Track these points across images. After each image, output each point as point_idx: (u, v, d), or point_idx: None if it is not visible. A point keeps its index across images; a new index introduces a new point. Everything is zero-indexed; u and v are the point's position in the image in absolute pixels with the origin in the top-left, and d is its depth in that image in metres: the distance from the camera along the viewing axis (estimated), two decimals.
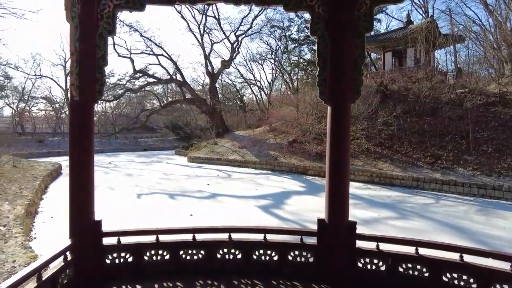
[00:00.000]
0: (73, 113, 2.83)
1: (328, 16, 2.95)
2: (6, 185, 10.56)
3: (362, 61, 2.97)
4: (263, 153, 20.74)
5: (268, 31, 33.39)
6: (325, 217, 2.96)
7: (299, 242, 3.05)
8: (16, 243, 5.84)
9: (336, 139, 2.89)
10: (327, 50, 2.97)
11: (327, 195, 2.90)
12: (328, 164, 2.89)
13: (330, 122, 2.92)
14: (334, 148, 2.88)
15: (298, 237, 3.12)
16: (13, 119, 36.57)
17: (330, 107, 2.96)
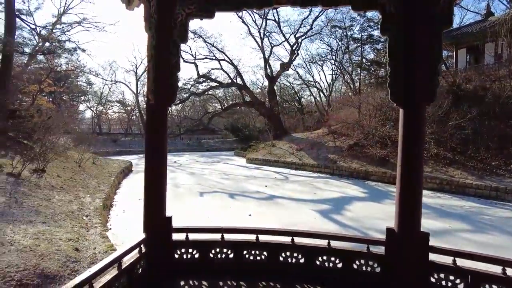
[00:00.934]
0: (149, 116, 3.06)
1: (401, 14, 2.79)
2: (87, 180, 11.80)
3: (439, 60, 2.75)
4: (321, 156, 20.33)
5: (328, 32, 32.70)
6: (394, 226, 2.79)
7: (365, 250, 2.92)
8: (95, 232, 6.48)
9: (408, 144, 2.71)
10: (399, 49, 2.80)
11: (397, 203, 2.73)
12: (399, 170, 2.72)
13: (402, 125, 2.75)
14: (406, 154, 2.70)
15: (363, 245, 2.99)
16: (93, 121, 40.82)
17: (403, 109, 2.79)
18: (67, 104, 29.72)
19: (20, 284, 3.88)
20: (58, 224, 6.26)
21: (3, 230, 5.10)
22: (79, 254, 5.14)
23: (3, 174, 7.91)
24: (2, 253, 4.36)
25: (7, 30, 14.53)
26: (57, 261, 4.60)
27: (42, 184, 8.61)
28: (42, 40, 19.36)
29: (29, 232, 5.36)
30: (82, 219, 7.11)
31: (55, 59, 21.23)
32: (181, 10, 3.04)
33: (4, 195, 6.79)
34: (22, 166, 8.55)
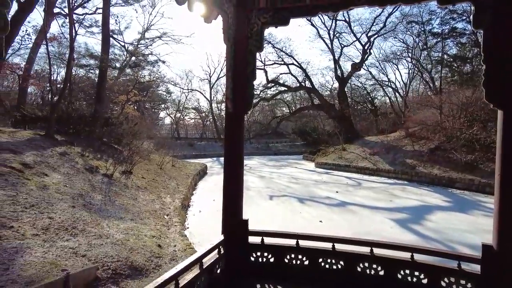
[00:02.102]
0: (227, 123, 3.21)
1: (498, 3, 2.48)
2: (167, 181, 12.80)
3: None
4: (398, 161, 19.01)
5: (404, 28, 30.53)
6: (492, 242, 2.47)
7: (455, 267, 2.63)
8: (175, 230, 6.97)
9: (509, 150, 2.39)
10: (496, 43, 2.49)
11: (496, 217, 2.41)
12: (498, 178, 2.41)
13: (501, 129, 2.43)
14: (507, 161, 2.38)
15: (452, 261, 2.70)
16: (171, 126, 44.22)
17: (502, 111, 2.47)
18: (149, 111, 32.70)
19: (115, 273, 4.35)
20: (143, 222, 6.89)
21: (100, 224, 5.78)
22: (161, 250, 5.58)
23: (99, 174, 8.99)
24: (100, 244, 4.94)
25: (103, 48, 16.59)
26: (143, 256, 5.06)
27: (129, 184, 9.57)
28: (130, 55, 21.67)
29: (121, 227, 6.00)
30: (163, 217, 7.72)
31: (140, 71, 23.58)
32: (257, 19, 3.13)
33: (100, 193, 7.70)
34: (114, 168, 9.62)
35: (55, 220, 5.08)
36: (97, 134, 12.84)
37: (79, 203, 6.36)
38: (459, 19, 26.88)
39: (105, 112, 15.16)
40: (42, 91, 19.02)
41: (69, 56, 12.85)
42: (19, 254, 3.96)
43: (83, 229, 5.22)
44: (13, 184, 5.74)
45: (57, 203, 5.76)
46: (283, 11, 3.11)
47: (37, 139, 9.15)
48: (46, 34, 15.10)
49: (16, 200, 5.20)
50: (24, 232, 4.46)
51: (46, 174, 6.92)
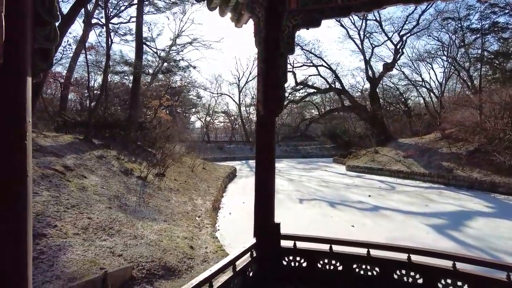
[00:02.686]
0: (258, 126, 3.22)
1: None
2: (198, 183, 13.03)
3: None
4: (433, 164, 18.19)
5: (438, 25, 29.21)
6: None
7: (504, 279, 2.46)
8: (206, 232, 7.07)
9: None
10: None
11: None
12: None
13: None
14: None
15: (501, 272, 2.53)
16: (202, 130, 45.11)
17: None
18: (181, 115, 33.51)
19: (150, 273, 4.48)
20: (176, 223, 7.05)
21: (135, 225, 5.98)
22: (193, 252, 5.68)
23: (134, 177, 9.33)
24: (135, 245, 5.11)
25: (136, 55, 17.25)
26: (176, 257, 5.17)
27: (162, 186, 9.84)
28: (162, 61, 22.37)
29: (154, 228, 6.17)
30: (195, 219, 7.86)
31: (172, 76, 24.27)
32: (288, 22, 3.12)
33: (135, 195, 7.98)
34: (148, 170, 9.94)
35: (94, 220, 5.31)
36: (131, 137, 13.34)
37: (115, 204, 6.62)
38: (501, 13, 25.36)
39: (139, 116, 15.73)
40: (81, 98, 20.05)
41: (105, 63, 13.50)
42: (62, 252, 4.18)
43: (119, 230, 5.42)
44: (56, 185, 6.07)
45: (95, 204, 6.03)
46: (314, 12, 3.08)
47: (77, 143, 9.65)
48: (85, 43, 15.95)
49: (59, 201, 5.50)
50: (66, 231, 4.70)
51: (85, 176, 7.27)
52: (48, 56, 1.29)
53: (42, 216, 4.72)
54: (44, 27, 1.27)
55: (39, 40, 1.24)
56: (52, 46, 1.29)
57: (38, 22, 1.25)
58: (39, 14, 1.25)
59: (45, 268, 3.77)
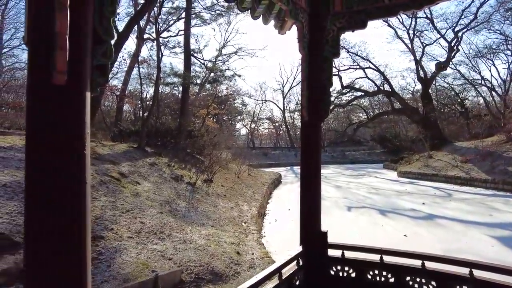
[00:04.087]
0: (303, 132, 3.18)
1: None
2: (244, 189, 13.20)
3: None
4: (497, 169, 16.62)
5: (500, 17, 26.76)
6: None
7: None
8: (253, 238, 7.11)
9: None
10: None
11: None
12: None
13: None
14: None
15: None
16: (247, 137, 45.83)
17: None
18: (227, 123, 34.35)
19: (198, 277, 4.60)
20: (223, 228, 7.19)
21: (184, 230, 6.20)
22: (240, 257, 5.73)
23: (183, 183, 9.70)
24: (184, 249, 5.29)
25: (185, 67, 18.05)
26: (223, 262, 5.25)
27: (210, 192, 10.11)
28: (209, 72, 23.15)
29: (202, 233, 6.34)
30: (241, 225, 7.95)
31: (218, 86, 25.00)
32: (332, 25, 3.07)
33: (185, 200, 8.29)
34: (196, 176, 10.28)
35: (146, 225, 5.60)
36: (181, 145, 13.92)
37: (166, 209, 6.93)
38: None
39: (188, 125, 16.39)
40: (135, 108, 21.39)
41: (156, 76, 14.28)
42: (118, 254, 4.46)
43: (170, 234, 5.65)
44: (113, 191, 6.51)
45: (148, 209, 6.36)
46: (359, 13, 3.00)
47: (131, 151, 10.29)
48: (138, 57, 17.05)
49: (115, 206, 5.89)
50: (121, 234, 5.01)
51: (138, 182, 7.71)
52: (105, 71, 1.39)
53: (100, 220, 5.08)
54: (102, 45, 1.37)
55: (97, 57, 1.35)
56: (108, 62, 1.39)
57: (97, 40, 1.36)
58: (97, 33, 1.36)
59: (104, 268, 4.04)
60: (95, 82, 1.36)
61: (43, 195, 1.19)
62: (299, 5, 2.92)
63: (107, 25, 1.38)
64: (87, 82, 1.29)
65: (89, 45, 1.32)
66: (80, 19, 1.28)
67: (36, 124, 1.21)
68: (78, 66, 1.26)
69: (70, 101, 1.23)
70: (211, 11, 20.79)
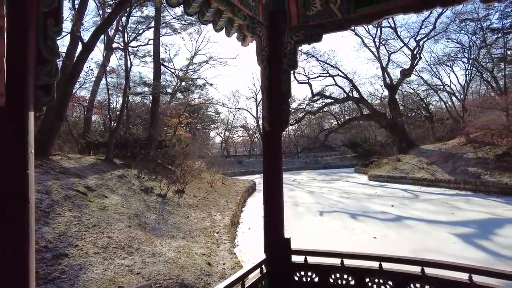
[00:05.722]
0: (265, 142, 3.27)
1: None
2: (217, 198, 13.12)
3: None
4: (459, 170, 17.55)
5: (457, 27, 28.55)
6: None
7: None
8: (225, 248, 7.08)
9: None
10: None
11: None
12: None
13: None
14: None
15: None
16: (221, 145, 45.67)
17: None
18: (200, 132, 34.07)
19: None
20: (194, 240, 7.12)
21: (154, 243, 6.09)
22: (211, 268, 5.70)
23: (154, 195, 9.53)
24: (153, 262, 5.19)
25: (155, 76, 17.84)
26: (193, 274, 5.20)
27: (182, 203, 9.98)
28: (180, 81, 22.99)
29: (173, 245, 6.25)
30: (213, 235, 7.90)
31: (190, 95, 24.85)
32: (289, 39, 3.19)
33: (155, 212, 8.14)
34: (167, 188, 10.13)
35: (113, 239, 5.46)
36: (151, 156, 13.68)
37: (135, 223, 6.78)
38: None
39: (159, 135, 16.14)
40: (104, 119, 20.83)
41: (124, 85, 14.03)
42: (83, 271, 4.32)
43: (138, 248, 5.53)
44: (78, 206, 6.30)
45: (115, 223, 6.20)
46: (315, 28, 3.14)
47: (98, 163, 10.00)
48: (106, 67, 16.67)
49: (81, 221, 5.70)
50: (87, 250, 4.85)
51: (106, 196, 7.50)
52: (50, 90, 1.40)
53: (64, 236, 4.91)
54: (46, 65, 1.38)
55: (41, 77, 1.36)
56: (53, 81, 1.40)
57: (41, 60, 1.37)
58: (41, 53, 1.37)
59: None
60: (40, 101, 1.36)
61: None
62: (257, 20, 3.02)
63: (51, 44, 1.40)
64: (29, 102, 1.29)
65: (32, 65, 1.33)
66: (21, 40, 1.29)
67: None
68: (19, 86, 1.26)
69: (9, 122, 1.23)
70: (181, 21, 20.70)
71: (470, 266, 2.61)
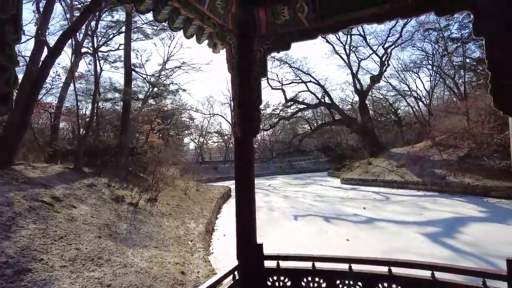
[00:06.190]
0: (236, 148, 3.28)
1: (498, 8, 2.45)
2: (192, 206, 12.94)
3: None
4: (426, 172, 18.34)
5: (421, 36, 30.13)
6: None
7: (480, 285, 2.49)
8: (199, 256, 7.00)
9: None
10: (500, 49, 2.44)
11: None
12: None
13: None
14: None
15: (478, 279, 2.56)
16: (196, 151, 45.13)
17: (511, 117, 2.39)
18: (173, 138, 33.54)
19: None
20: (167, 249, 6.98)
21: (125, 253, 5.92)
22: (185, 277, 5.61)
23: (125, 204, 9.26)
24: (125, 273, 5.04)
25: (126, 82, 17.44)
26: (166, 283, 5.10)
27: (154, 211, 9.77)
28: (152, 86, 22.59)
29: (145, 255, 6.10)
30: (187, 243, 7.78)
31: (162, 100, 24.47)
32: (259, 47, 3.24)
33: (126, 222, 7.91)
34: (139, 196, 9.88)
35: (82, 251, 5.25)
36: (123, 164, 13.31)
37: (105, 233, 6.56)
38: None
39: (130, 142, 15.75)
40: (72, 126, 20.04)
41: (94, 91, 13.61)
42: (48, 286, 4.12)
43: (108, 259, 5.35)
44: (44, 217, 6.02)
45: (84, 234, 5.97)
46: (283, 36, 3.20)
47: (67, 172, 9.61)
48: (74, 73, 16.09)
49: (46, 233, 5.44)
50: (52, 264, 4.64)
51: (74, 206, 7.22)
52: (8, 99, 1.35)
53: (28, 250, 4.67)
54: (4, 73, 1.33)
55: None
56: (12, 90, 1.35)
57: None
58: None
59: None
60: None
61: None
62: (227, 28, 3.05)
63: (10, 52, 1.35)
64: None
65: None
66: None
67: None
68: None
69: None
70: (153, 26, 20.41)
71: (432, 263, 2.74)
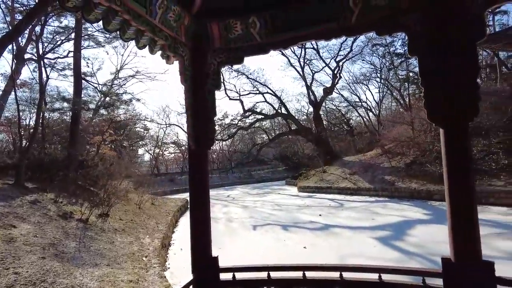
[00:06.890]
0: (191, 160, 3.26)
1: (427, 31, 2.71)
2: (146, 220, 12.46)
3: (476, 74, 2.59)
4: (377, 178, 19.37)
5: (370, 51, 32.24)
6: (450, 255, 2.55)
7: (420, 284, 2.69)
8: (154, 272, 6.74)
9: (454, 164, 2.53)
10: (431, 68, 2.70)
11: (450, 228, 2.52)
12: (447, 191, 2.54)
13: (444, 145, 2.58)
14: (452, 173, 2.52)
15: (419, 278, 2.76)
16: (151, 163, 43.53)
17: (443, 129, 2.64)
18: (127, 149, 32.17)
19: None
20: (120, 266, 6.64)
21: (73, 273, 5.54)
22: None
23: (73, 220, 8.69)
24: None
25: (75, 91, 16.53)
26: None
27: (106, 227, 9.27)
28: (104, 96, 21.62)
29: (95, 274, 5.76)
30: (142, 260, 7.47)
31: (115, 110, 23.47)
32: (213, 60, 3.28)
33: (75, 240, 7.42)
34: (89, 211, 9.33)
35: (22, 275, 4.83)
36: (71, 177, 12.50)
37: (50, 253, 6.10)
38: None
39: (80, 154, 14.88)
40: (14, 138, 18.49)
41: (39, 101, 12.75)
42: None
43: (53, 281, 4.97)
44: None
45: (25, 256, 5.51)
46: (236, 50, 3.27)
47: (6, 188, 8.84)
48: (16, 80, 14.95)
49: None
50: None
51: (14, 225, 6.64)
52: None
53: None
54: None
55: None
56: None
57: None
58: None
59: None
60: None
61: None
62: (179, 40, 3.05)
63: None
64: None
65: None
66: None
67: None
68: None
69: None
70: (105, 34, 19.62)
71: (379, 267, 2.91)
